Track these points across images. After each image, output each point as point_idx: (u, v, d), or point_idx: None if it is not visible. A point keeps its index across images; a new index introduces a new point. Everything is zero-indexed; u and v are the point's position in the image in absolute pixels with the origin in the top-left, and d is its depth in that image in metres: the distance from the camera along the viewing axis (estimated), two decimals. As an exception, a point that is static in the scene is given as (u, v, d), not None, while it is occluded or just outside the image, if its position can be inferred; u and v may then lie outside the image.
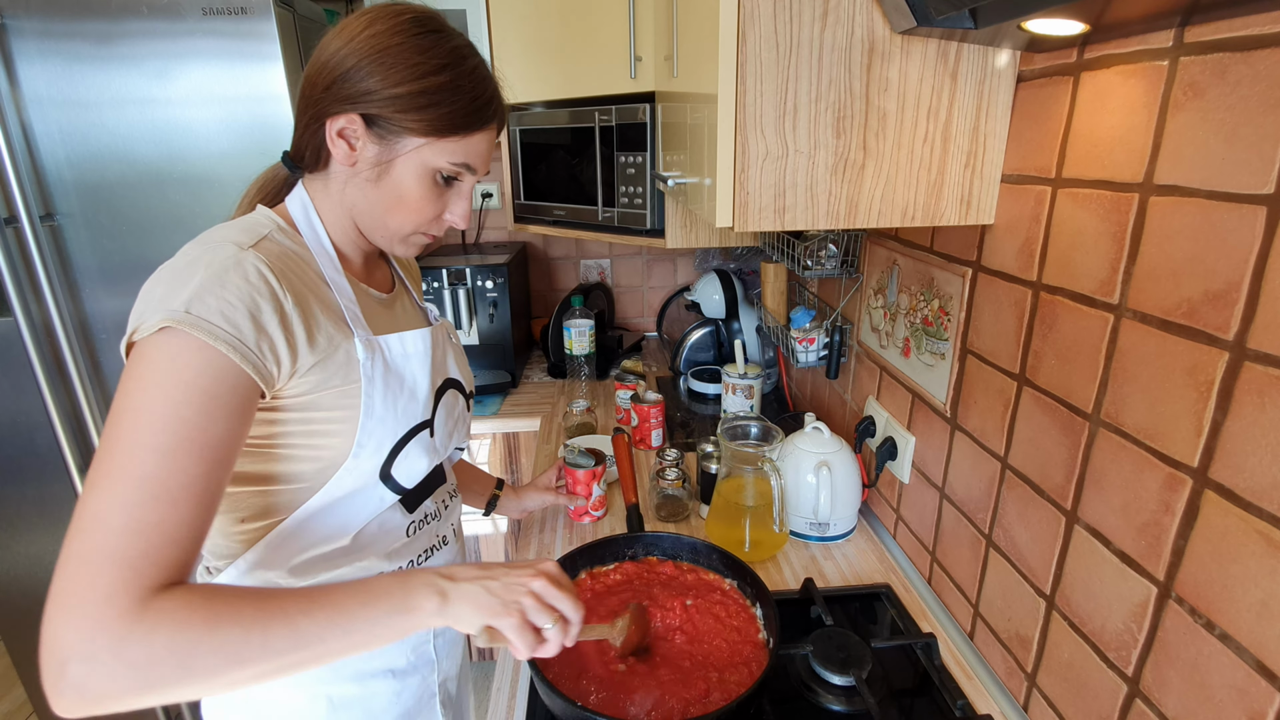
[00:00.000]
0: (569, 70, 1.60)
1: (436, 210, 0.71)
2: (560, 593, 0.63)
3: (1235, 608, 0.52)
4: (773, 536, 1.07)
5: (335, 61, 0.65)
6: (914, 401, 1.04)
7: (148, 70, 1.31)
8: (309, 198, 0.72)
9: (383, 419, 0.70)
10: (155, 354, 0.55)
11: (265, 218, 0.69)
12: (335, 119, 0.66)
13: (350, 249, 0.75)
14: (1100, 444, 0.65)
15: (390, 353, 0.72)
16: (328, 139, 0.67)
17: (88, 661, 0.47)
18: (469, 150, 0.69)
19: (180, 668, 0.50)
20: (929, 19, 0.64)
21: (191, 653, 0.50)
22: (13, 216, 1.32)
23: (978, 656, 0.90)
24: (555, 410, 1.75)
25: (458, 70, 0.66)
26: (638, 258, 2.25)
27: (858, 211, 0.79)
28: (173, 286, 0.57)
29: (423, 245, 0.75)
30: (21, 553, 1.57)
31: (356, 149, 0.67)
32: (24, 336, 1.36)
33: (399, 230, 0.71)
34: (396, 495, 0.75)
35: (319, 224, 0.71)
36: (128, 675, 0.48)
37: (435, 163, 0.68)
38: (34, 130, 1.32)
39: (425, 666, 0.85)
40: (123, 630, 0.48)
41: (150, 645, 0.49)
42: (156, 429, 0.53)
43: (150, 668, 0.49)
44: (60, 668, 0.47)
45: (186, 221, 1.40)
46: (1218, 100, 0.51)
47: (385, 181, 0.68)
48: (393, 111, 0.65)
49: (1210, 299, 0.53)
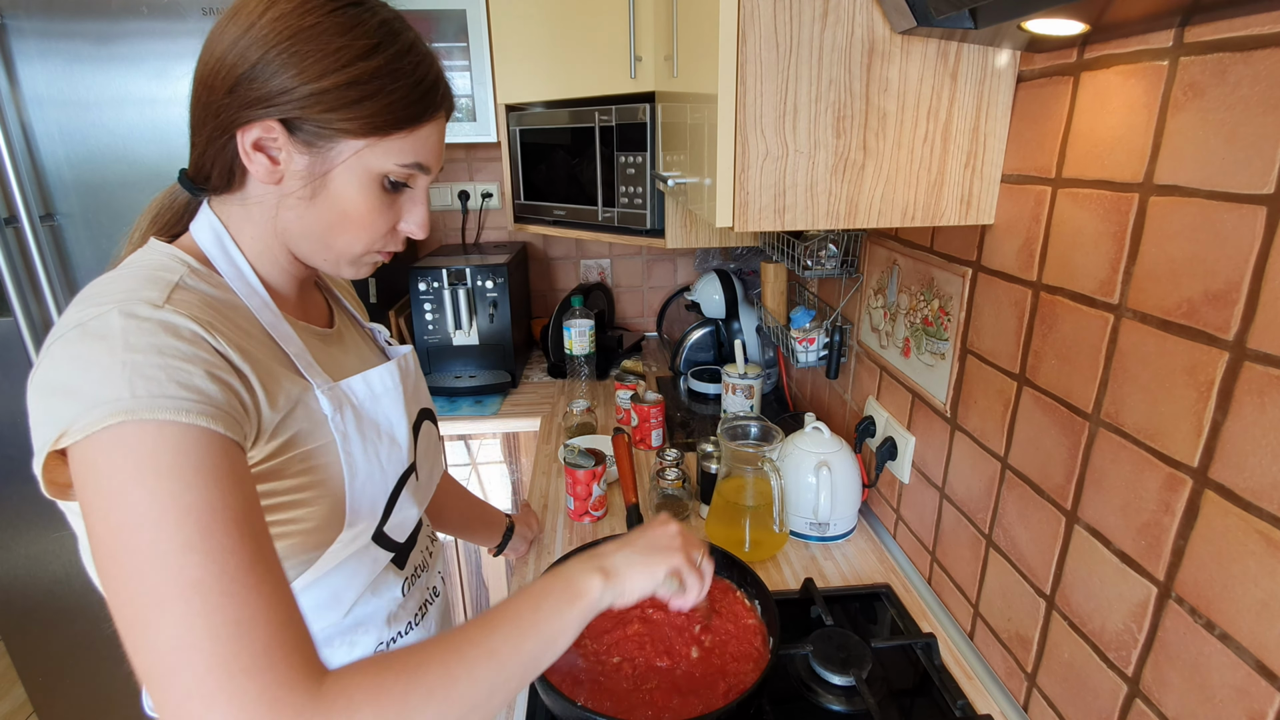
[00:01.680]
0: (569, 70, 1.60)
1: (389, 223, 0.60)
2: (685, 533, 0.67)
3: (1235, 608, 0.52)
4: (773, 536, 1.07)
5: (234, 56, 0.52)
6: (914, 401, 1.04)
7: (148, 70, 1.31)
8: (221, 225, 0.59)
9: (370, 475, 0.61)
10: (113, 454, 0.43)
11: (169, 258, 0.56)
12: (247, 129, 0.53)
13: (281, 279, 0.62)
14: (1100, 444, 0.65)
15: (358, 398, 0.62)
16: (241, 154, 0.54)
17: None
18: (418, 147, 0.57)
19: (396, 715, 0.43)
20: (929, 19, 0.64)
21: (403, 709, 0.43)
22: (13, 216, 1.33)
23: (978, 656, 0.90)
24: (555, 410, 1.75)
25: (392, 50, 0.54)
26: (638, 258, 2.25)
27: (858, 211, 0.79)
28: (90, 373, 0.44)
29: (376, 265, 0.64)
30: (21, 553, 1.57)
31: (280, 163, 0.54)
32: (24, 336, 1.36)
33: (347, 252, 0.60)
34: (390, 554, 0.68)
35: (239, 256, 0.58)
36: None
37: (381, 167, 0.56)
38: (34, 130, 1.32)
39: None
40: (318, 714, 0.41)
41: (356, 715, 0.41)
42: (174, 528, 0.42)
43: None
44: None
45: (186, 221, 1.40)
46: (1218, 100, 0.51)
47: (323, 197, 0.56)
48: (319, 112, 0.52)
49: (1210, 299, 0.53)
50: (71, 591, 1.61)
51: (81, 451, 0.44)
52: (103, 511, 0.43)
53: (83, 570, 0.75)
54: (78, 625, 1.64)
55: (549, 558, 1.10)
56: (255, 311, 0.58)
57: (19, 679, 1.67)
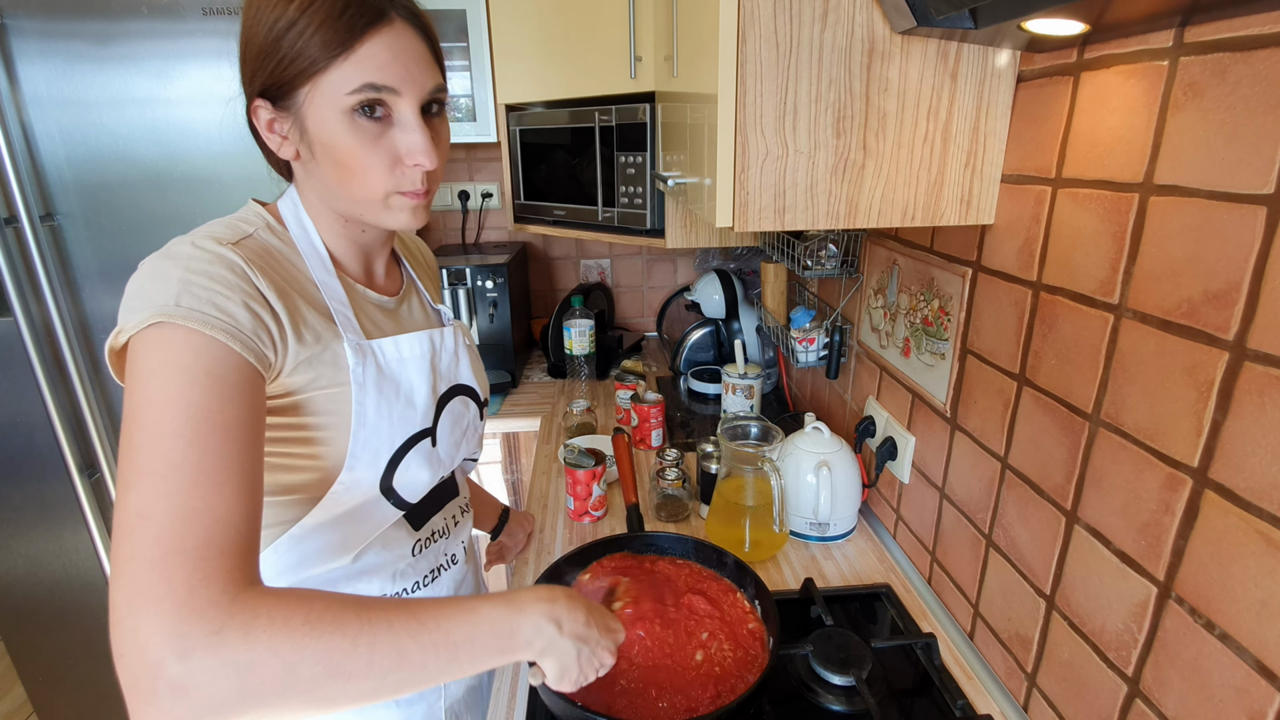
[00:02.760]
0: (569, 70, 1.60)
1: (385, 159, 0.61)
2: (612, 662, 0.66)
3: (1235, 608, 0.52)
4: (773, 536, 1.07)
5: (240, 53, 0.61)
6: (914, 401, 1.04)
7: (148, 70, 1.31)
8: (298, 197, 0.68)
9: (377, 428, 0.66)
10: (149, 348, 0.52)
11: (254, 214, 0.66)
12: (255, 113, 0.62)
13: (345, 247, 0.70)
14: (1100, 444, 0.65)
15: (384, 357, 0.67)
16: (264, 138, 0.63)
17: (185, 658, 0.42)
18: (364, 68, 0.57)
19: (285, 672, 0.44)
20: (929, 19, 0.64)
21: (296, 657, 0.45)
22: (13, 216, 1.32)
23: (978, 656, 0.90)
24: (555, 410, 1.75)
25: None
26: (638, 258, 2.25)
27: (858, 211, 0.79)
28: (155, 282, 0.54)
29: (411, 209, 0.65)
30: (21, 553, 1.57)
31: (283, 134, 0.62)
32: (24, 336, 1.36)
33: (366, 197, 0.63)
34: (400, 511, 0.71)
35: (309, 224, 0.67)
36: (230, 676, 0.42)
37: (337, 101, 0.58)
38: (34, 130, 1.32)
39: (431, 693, 0.82)
40: (217, 621, 0.43)
41: (250, 641, 0.43)
42: (172, 415, 0.49)
43: (253, 669, 0.43)
44: (154, 672, 0.41)
45: (186, 221, 1.38)
46: (1218, 100, 0.51)
47: (318, 152, 0.61)
48: (275, 73, 0.58)
49: (1210, 299, 0.53)
50: (71, 591, 1.61)
51: (131, 346, 0.53)
52: (129, 394, 0.51)
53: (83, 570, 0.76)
54: (78, 625, 1.64)
55: (549, 558, 1.10)
56: (311, 268, 0.66)
57: (19, 679, 1.67)
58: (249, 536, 0.49)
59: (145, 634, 0.42)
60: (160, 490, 0.47)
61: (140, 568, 0.44)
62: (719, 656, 0.78)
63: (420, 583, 0.77)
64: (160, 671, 0.41)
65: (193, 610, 0.43)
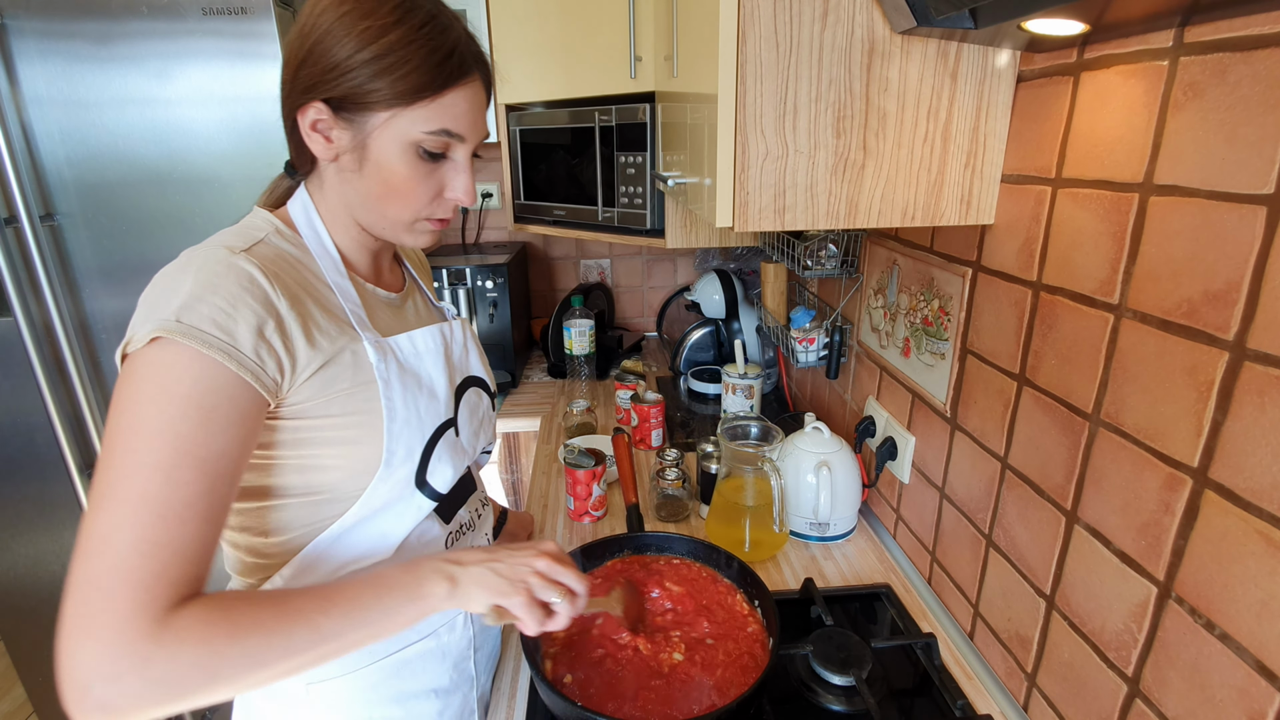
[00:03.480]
0: (569, 70, 1.60)
1: (431, 190, 0.66)
2: (564, 568, 0.65)
3: (1235, 608, 0.52)
4: (773, 536, 1.07)
5: (293, 51, 0.62)
6: (914, 401, 1.04)
7: (148, 70, 1.31)
8: (309, 199, 0.69)
9: (407, 421, 0.68)
10: (147, 367, 0.53)
11: (263, 220, 0.67)
12: (304, 112, 0.62)
13: (355, 249, 0.72)
14: (1100, 444, 0.65)
15: (402, 353, 0.70)
16: (304, 136, 0.63)
17: (113, 682, 0.47)
18: (444, 114, 0.62)
19: (207, 677, 0.50)
20: (929, 19, 0.64)
21: (218, 664, 0.51)
22: (13, 216, 1.32)
23: (978, 656, 0.90)
24: (555, 410, 1.75)
25: (408, 25, 0.59)
26: (638, 258, 2.25)
27: (858, 211, 0.79)
28: (163, 294, 0.55)
29: (432, 233, 0.70)
30: (21, 553, 1.57)
31: (333, 140, 0.63)
32: (24, 336, 1.36)
33: (399, 218, 0.67)
34: (434, 503, 0.73)
35: (320, 225, 0.68)
36: (154, 691, 0.48)
37: (410, 135, 0.62)
38: (34, 130, 1.32)
39: (466, 684, 0.84)
40: (146, 651, 0.48)
41: (175, 662, 0.49)
42: (155, 445, 0.52)
43: (177, 682, 0.49)
44: (83, 690, 0.47)
45: (186, 221, 1.40)
46: (1218, 100, 0.51)
47: (368, 168, 0.64)
48: (351, 88, 0.60)
49: (1210, 299, 0.53)
50: (71, 591, 1.61)
51: (130, 359, 0.54)
52: (119, 408, 0.53)
53: None
54: (78, 625, 1.64)
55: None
56: (324, 270, 0.67)
57: (19, 679, 1.67)
58: (201, 565, 0.54)
59: (81, 657, 0.48)
60: (127, 518, 0.50)
61: (90, 593, 0.49)
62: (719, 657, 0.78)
63: None
64: (89, 693, 0.47)
65: (126, 642, 0.48)
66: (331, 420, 0.63)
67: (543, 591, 0.63)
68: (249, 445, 0.57)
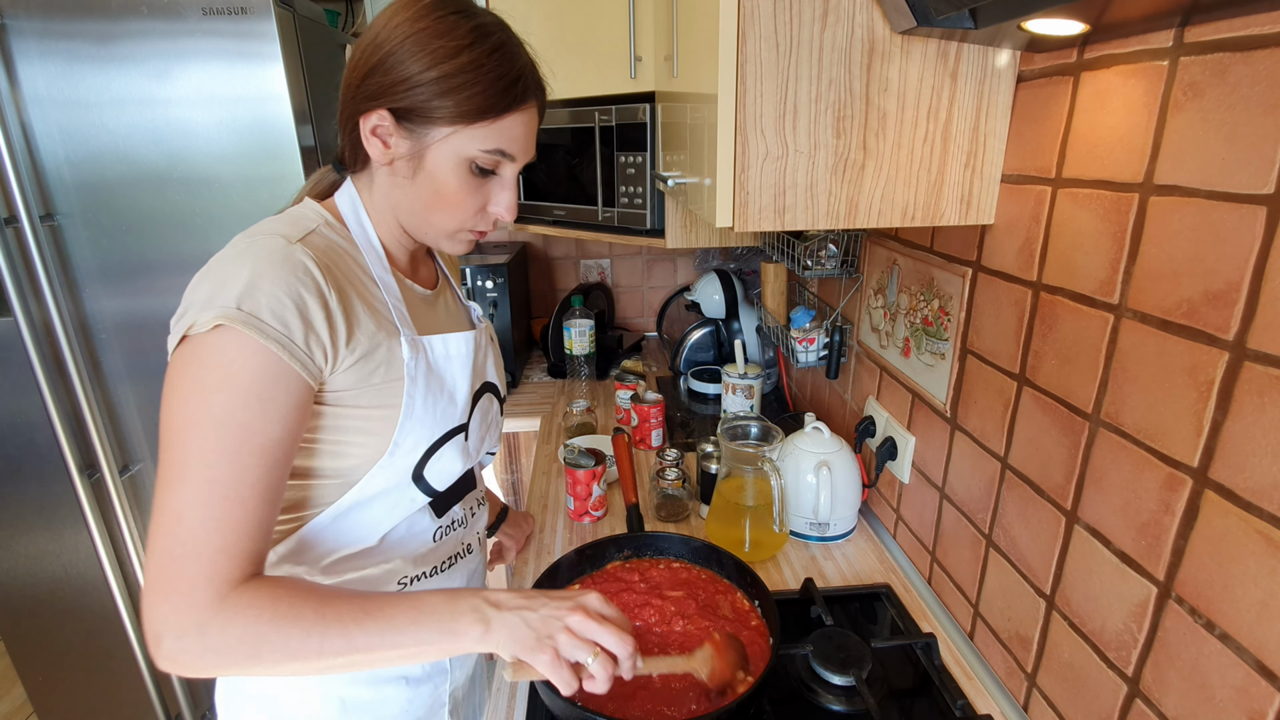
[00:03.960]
0: (569, 70, 1.60)
1: (478, 203, 0.70)
2: (601, 626, 0.60)
3: (1235, 608, 0.52)
4: (773, 536, 1.07)
5: (364, 58, 0.65)
6: (914, 401, 1.04)
7: (148, 70, 1.31)
8: (357, 195, 0.72)
9: (421, 419, 0.70)
10: (210, 355, 0.57)
11: (313, 211, 0.69)
12: (367, 116, 0.65)
13: (396, 247, 0.75)
14: (1100, 444, 0.65)
15: (433, 354, 0.72)
16: (363, 138, 0.66)
17: (178, 639, 0.55)
18: (502, 135, 0.67)
19: (251, 656, 0.56)
20: (929, 19, 0.64)
21: (259, 646, 0.56)
22: (13, 216, 1.32)
23: (978, 656, 0.90)
24: (555, 410, 1.75)
25: (479, 50, 0.63)
26: (638, 258, 2.25)
27: (858, 211, 0.79)
28: (223, 280, 0.58)
29: (470, 242, 0.74)
30: (21, 553, 1.57)
31: (390, 146, 0.66)
32: (24, 336, 1.36)
33: (443, 227, 0.70)
34: (428, 498, 0.74)
35: (367, 221, 0.71)
36: (209, 655, 0.56)
37: (467, 151, 0.66)
38: (34, 130, 1.32)
39: (438, 676, 0.85)
40: (204, 619, 0.55)
41: (225, 635, 0.55)
42: (221, 433, 0.56)
43: (226, 652, 0.56)
44: (157, 640, 0.55)
45: (187, 221, 1.40)
46: (1218, 100, 0.51)
47: (421, 176, 0.67)
48: (417, 102, 0.63)
49: (1210, 299, 0.53)
50: (71, 591, 1.61)
51: (194, 343, 0.57)
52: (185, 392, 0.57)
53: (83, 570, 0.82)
54: (78, 625, 1.64)
55: (549, 557, 1.09)
56: (370, 264, 0.70)
57: (19, 679, 1.67)
58: (261, 542, 0.59)
59: (155, 614, 0.55)
60: (197, 498, 0.56)
61: (165, 560, 0.56)
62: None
63: (439, 568, 0.81)
64: (161, 642, 0.55)
65: (189, 607, 0.55)
66: (356, 410, 0.66)
67: (572, 651, 0.59)
68: (301, 429, 0.62)
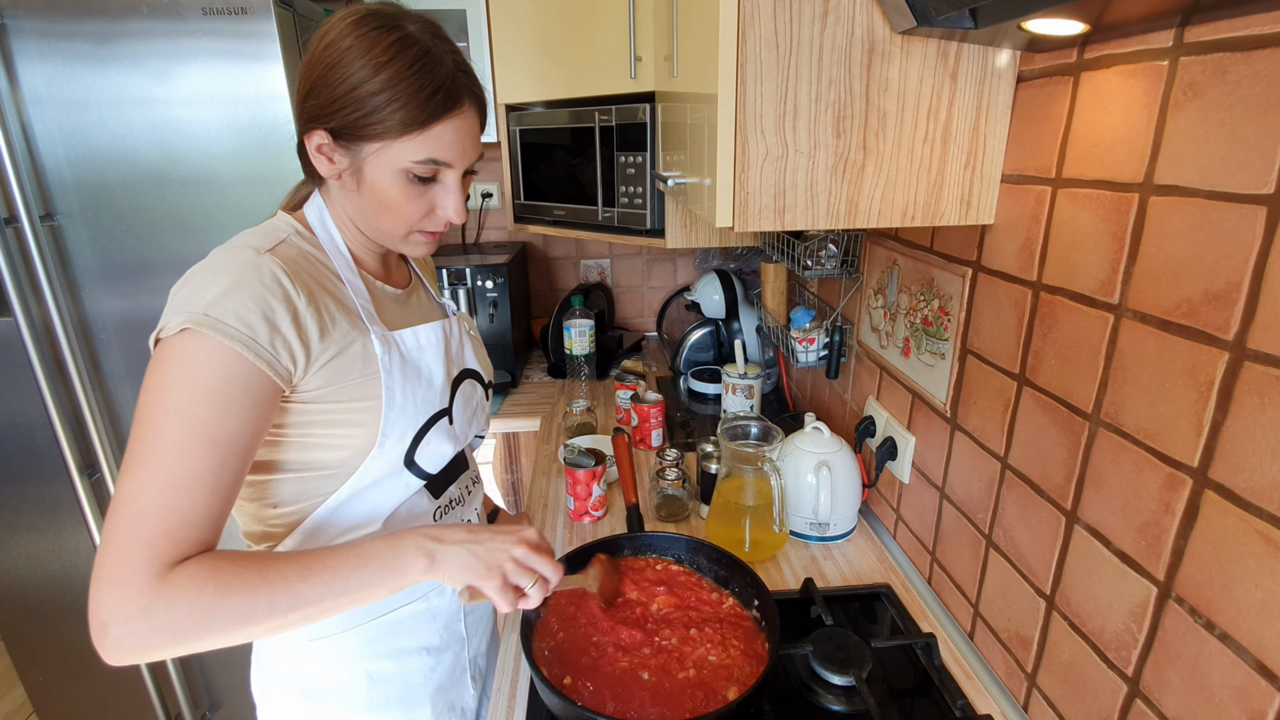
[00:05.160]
0: (569, 70, 1.60)
1: (422, 209, 0.71)
2: (539, 556, 0.69)
3: (1235, 608, 0.52)
4: (773, 536, 1.07)
5: (303, 80, 0.68)
6: (914, 401, 1.04)
7: (148, 70, 1.31)
8: (324, 205, 0.75)
9: (403, 409, 0.74)
10: (175, 353, 0.60)
11: (284, 223, 0.73)
12: (310, 136, 0.68)
13: (363, 250, 0.78)
14: (1100, 444, 0.65)
15: (405, 346, 0.76)
16: (311, 156, 0.70)
17: (124, 624, 0.56)
18: (432, 144, 0.67)
19: (201, 628, 0.57)
20: (929, 19, 0.64)
21: (208, 617, 0.57)
22: (13, 216, 1.32)
23: (978, 656, 0.90)
24: (555, 410, 1.75)
25: (397, 64, 0.64)
26: (638, 258, 2.25)
27: (858, 211, 0.79)
28: (195, 290, 0.62)
29: (425, 244, 0.76)
30: (21, 553, 1.57)
31: (335, 162, 0.69)
32: (24, 336, 1.36)
33: (394, 232, 0.73)
34: (422, 480, 0.78)
35: (333, 228, 0.75)
36: (159, 634, 0.56)
37: (400, 163, 0.67)
38: (34, 130, 1.32)
39: (457, 644, 0.90)
40: (147, 601, 0.56)
41: (172, 612, 0.56)
42: (174, 424, 0.59)
43: (175, 629, 0.57)
44: (103, 629, 0.56)
45: (186, 221, 1.40)
46: (1218, 100, 0.51)
47: (365, 189, 0.69)
48: (346, 121, 0.65)
49: (1210, 299, 0.53)
50: (71, 591, 1.61)
51: (162, 345, 0.61)
52: (147, 389, 0.60)
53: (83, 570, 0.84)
54: (78, 625, 1.64)
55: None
56: (338, 269, 0.73)
57: (19, 679, 1.67)
58: (208, 532, 0.61)
59: (101, 600, 0.56)
60: (145, 485, 0.58)
61: (111, 547, 0.57)
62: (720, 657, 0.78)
63: None
64: (107, 631, 0.56)
65: (133, 590, 0.56)
66: (339, 405, 0.70)
67: (517, 577, 0.67)
68: (262, 426, 0.64)
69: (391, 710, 0.84)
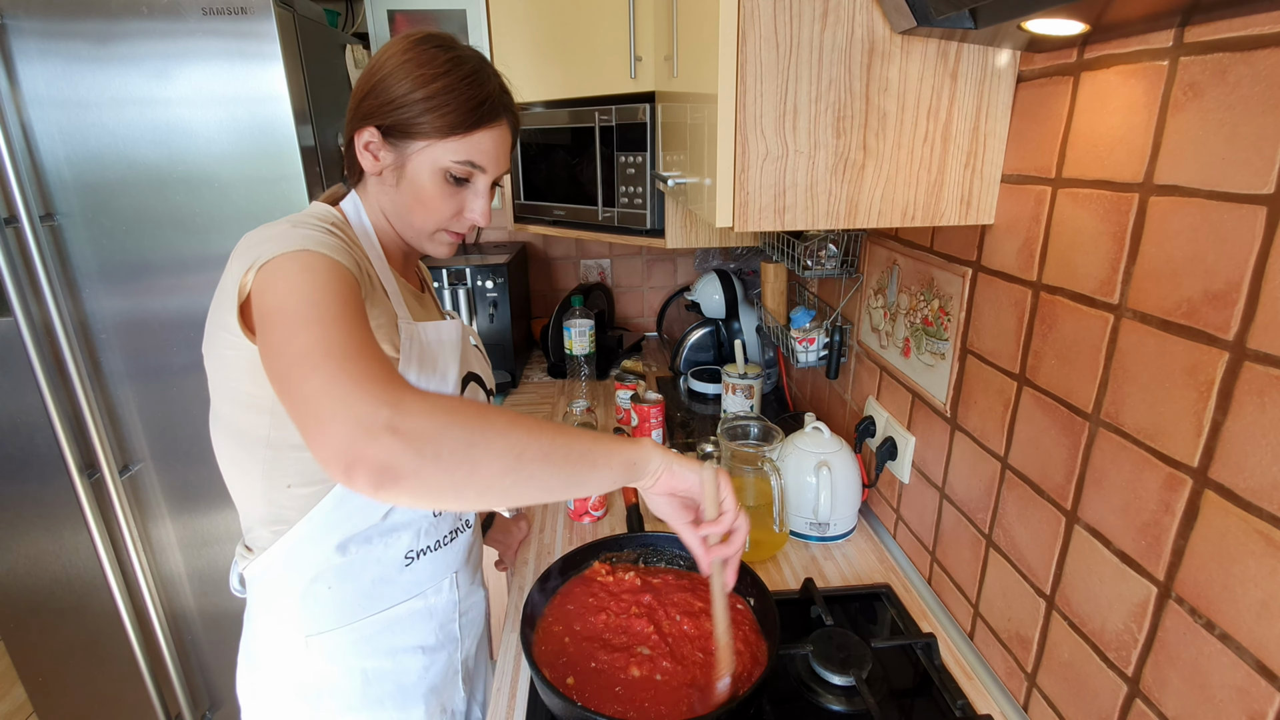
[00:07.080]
0: (569, 70, 1.60)
1: (453, 208, 0.79)
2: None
3: (1235, 608, 0.52)
4: (773, 536, 1.07)
5: (361, 84, 0.76)
6: (914, 401, 1.04)
7: (148, 70, 1.31)
8: (360, 201, 0.81)
9: None
10: (290, 263, 0.62)
11: (323, 210, 0.77)
12: (360, 133, 0.75)
13: (392, 248, 0.83)
14: (1100, 444, 0.65)
15: (426, 337, 0.79)
16: (358, 153, 0.76)
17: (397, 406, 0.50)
18: (473, 149, 0.76)
19: (467, 445, 0.51)
20: (929, 19, 0.64)
21: (473, 436, 0.52)
22: (13, 216, 1.32)
23: (978, 656, 0.90)
24: (555, 410, 1.75)
25: (453, 76, 0.73)
26: (638, 258, 2.25)
27: (858, 211, 0.79)
28: (280, 238, 0.64)
29: (449, 244, 0.83)
30: (22, 553, 1.57)
31: (379, 158, 0.76)
32: (24, 336, 1.35)
33: (423, 228, 0.79)
34: None
35: (368, 223, 0.80)
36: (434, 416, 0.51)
37: (442, 162, 0.75)
38: (34, 130, 1.32)
39: (450, 644, 0.92)
40: (397, 397, 0.50)
41: (432, 416, 0.51)
42: (322, 292, 0.59)
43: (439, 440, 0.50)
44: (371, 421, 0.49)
45: (186, 221, 1.40)
46: (1218, 100, 0.51)
47: (403, 184, 0.76)
48: (400, 119, 0.73)
49: (1210, 299, 0.53)
50: (71, 591, 1.61)
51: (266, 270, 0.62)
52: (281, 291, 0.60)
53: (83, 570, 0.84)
54: (78, 625, 1.64)
55: (549, 558, 1.09)
56: (372, 259, 0.78)
57: (19, 679, 1.67)
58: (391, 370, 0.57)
59: (359, 398, 0.50)
60: (329, 331, 0.55)
61: (334, 367, 0.52)
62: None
63: (441, 541, 0.87)
64: (377, 419, 0.49)
65: (392, 382, 0.52)
66: None
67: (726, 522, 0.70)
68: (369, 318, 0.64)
69: (385, 709, 0.85)
